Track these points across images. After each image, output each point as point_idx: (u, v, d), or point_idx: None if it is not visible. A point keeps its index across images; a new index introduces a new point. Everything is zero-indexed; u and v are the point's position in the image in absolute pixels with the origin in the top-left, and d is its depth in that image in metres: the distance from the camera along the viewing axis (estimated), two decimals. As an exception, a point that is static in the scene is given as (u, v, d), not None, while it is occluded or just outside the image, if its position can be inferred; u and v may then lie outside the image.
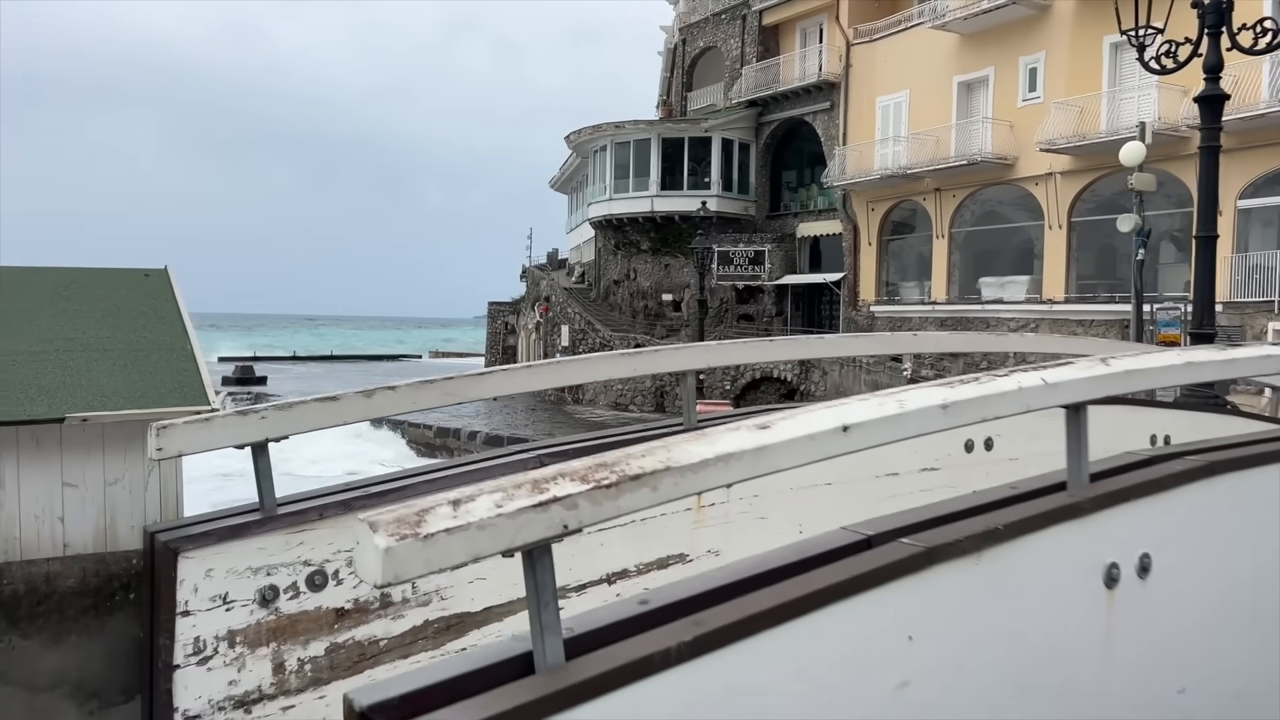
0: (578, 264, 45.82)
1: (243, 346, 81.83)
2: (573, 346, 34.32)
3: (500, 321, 47.67)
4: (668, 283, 34.92)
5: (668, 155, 34.21)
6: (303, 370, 51.90)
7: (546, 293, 37.61)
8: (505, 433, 26.83)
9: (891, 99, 29.09)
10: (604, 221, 35.82)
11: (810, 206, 33.54)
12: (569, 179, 47.24)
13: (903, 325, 28.65)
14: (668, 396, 32.11)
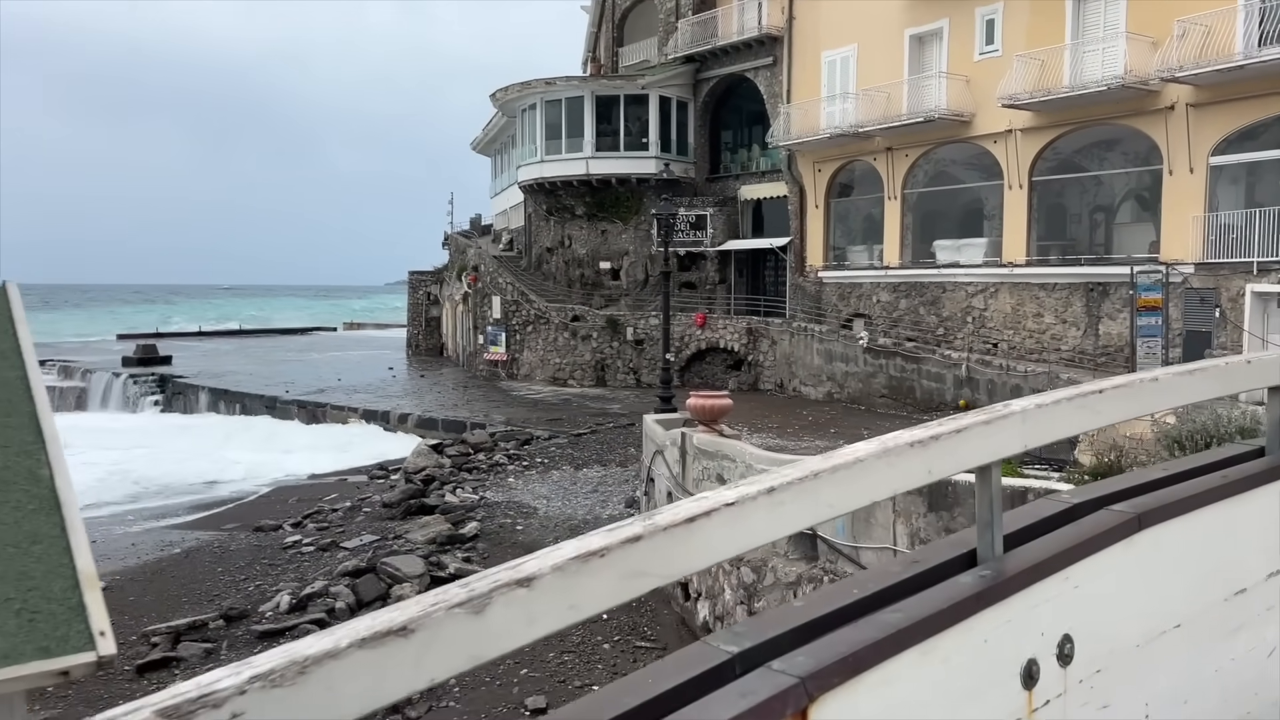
0: (505, 230, 43.69)
1: (143, 322, 77.44)
2: (505, 318, 32.44)
3: (422, 292, 45.37)
4: (605, 250, 33.21)
5: (602, 114, 32.36)
6: (210, 347, 48.80)
7: (475, 261, 35.54)
8: (440, 414, 24.94)
9: (838, 54, 27.75)
10: (535, 185, 33.84)
11: (752, 168, 32.15)
12: (493, 140, 44.93)
13: (853, 291, 27.60)
14: (608, 370, 30.58)
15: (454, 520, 13.92)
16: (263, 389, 30.66)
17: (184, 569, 13.28)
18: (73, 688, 9.21)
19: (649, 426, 12.80)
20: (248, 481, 20.59)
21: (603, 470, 17.32)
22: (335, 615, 10.64)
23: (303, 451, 23.68)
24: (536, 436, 21.13)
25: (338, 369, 36.81)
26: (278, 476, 20.91)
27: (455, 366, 37.81)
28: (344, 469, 20.91)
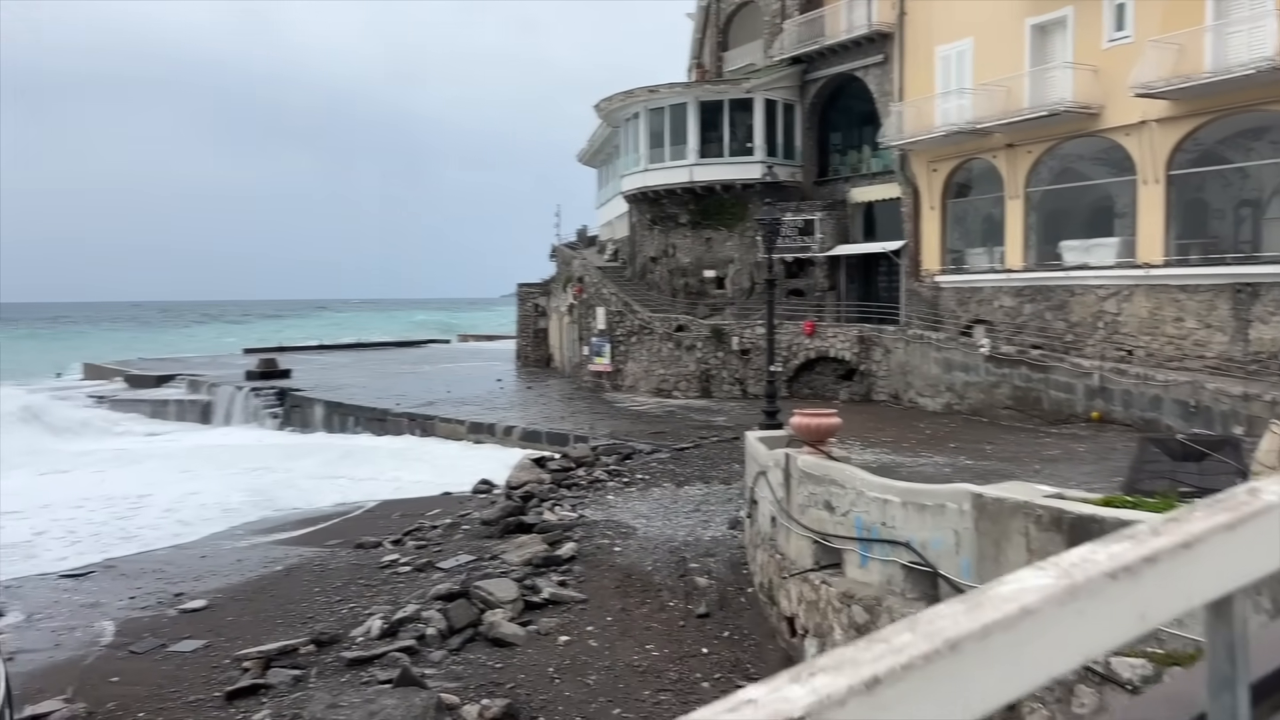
0: (610, 241, 43.47)
1: (269, 337, 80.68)
2: (609, 329, 32.10)
3: (530, 304, 45.55)
4: (710, 258, 32.54)
5: (706, 120, 31.75)
6: (329, 360, 50.12)
7: (579, 273, 35.36)
8: (544, 427, 24.68)
9: (953, 48, 26.44)
10: (639, 194, 33.47)
11: (863, 170, 31.00)
12: (598, 151, 44.82)
13: (972, 297, 26.20)
14: (713, 381, 29.88)
15: (550, 540, 13.47)
16: (375, 401, 31.08)
17: (283, 588, 13.20)
18: (160, 715, 9.07)
19: (751, 445, 12.08)
20: (357, 496, 20.68)
21: (705, 488, 16.64)
22: (426, 642, 10.27)
23: (411, 465, 23.78)
24: (638, 451, 20.59)
25: (448, 381, 37.15)
26: (386, 491, 20.94)
27: (561, 378, 37.71)
28: (449, 482, 20.80)
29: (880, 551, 8.12)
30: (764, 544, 10.95)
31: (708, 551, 13.00)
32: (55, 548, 17.33)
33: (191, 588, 13.68)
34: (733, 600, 11.36)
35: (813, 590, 8.99)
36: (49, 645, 11.46)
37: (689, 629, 10.57)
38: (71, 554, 16.61)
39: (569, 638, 10.34)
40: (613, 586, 11.85)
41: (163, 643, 11.15)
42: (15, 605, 13.23)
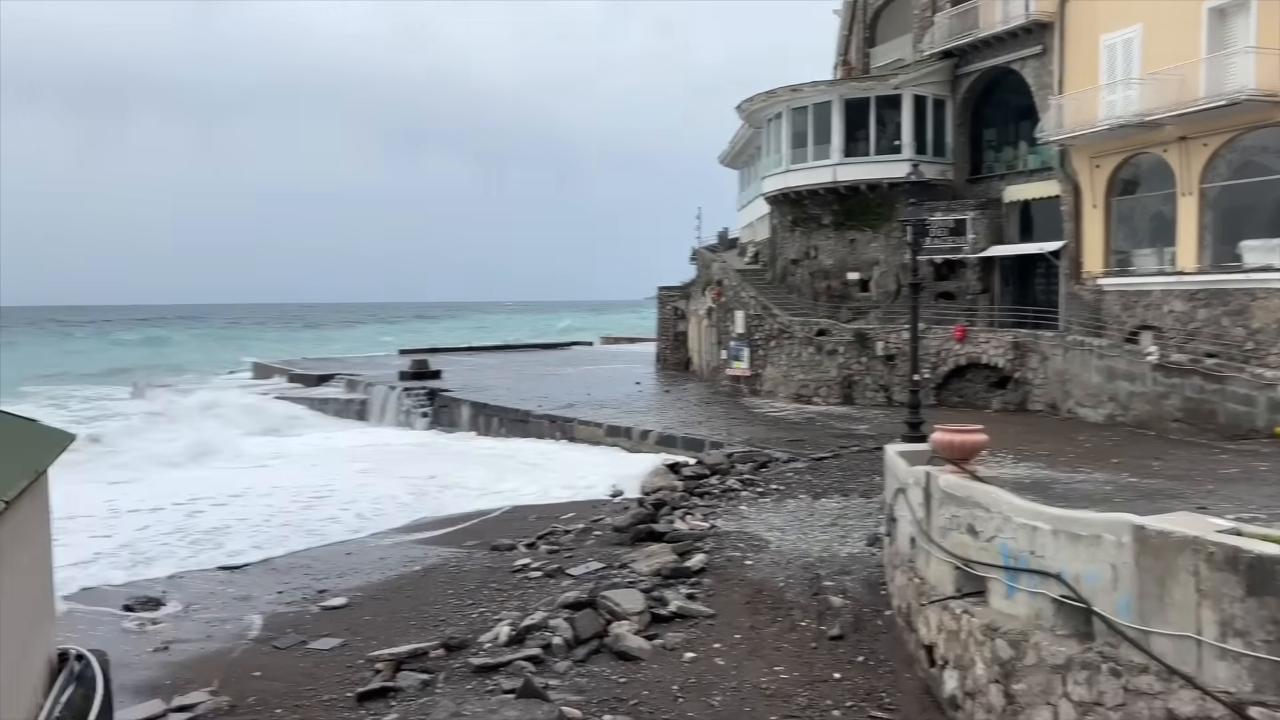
0: (750, 243, 42.97)
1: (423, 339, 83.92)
2: (748, 333, 31.65)
3: (670, 306, 45.48)
4: (853, 260, 31.63)
5: (851, 119, 30.87)
6: (478, 361, 51.53)
7: (718, 276, 35.02)
8: (680, 432, 24.49)
9: (1119, 36, 24.75)
10: (780, 196, 32.87)
11: (1019, 167, 29.45)
12: (740, 153, 44.41)
13: (1139, 301, 24.44)
14: (856, 387, 28.99)
15: (680, 551, 13.23)
16: (518, 403, 31.62)
17: (419, 588, 13.45)
18: (296, 713, 9.31)
19: (890, 460, 11.50)
20: (498, 497, 20.96)
21: (843, 501, 16.04)
22: (551, 651, 10.21)
23: (549, 466, 24.02)
24: (775, 459, 20.12)
25: (589, 383, 37.51)
26: (525, 492, 21.17)
27: (699, 381, 37.47)
28: (585, 485, 20.88)
29: (1028, 582, 7.50)
30: (903, 565, 10.38)
31: (844, 569, 12.48)
32: (238, 538, 18.15)
33: (335, 585, 14.13)
34: (869, 623, 10.83)
35: (953, 619, 8.42)
36: (201, 636, 12.02)
37: (821, 651, 10.12)
38: (246, 546, 17.32)
39: (695, 654, 10.07)
40: (742, 602, 11.51)
41: (303, 639, 11.52)
42: (176, 596, 13.98)
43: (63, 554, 16.87)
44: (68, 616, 13.07)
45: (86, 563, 16.32)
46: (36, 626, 4.82)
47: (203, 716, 9.30)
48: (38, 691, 4.66)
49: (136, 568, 16.00)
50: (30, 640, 4.57)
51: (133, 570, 15.83)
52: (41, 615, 4.96)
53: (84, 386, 55.06)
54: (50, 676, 5.01)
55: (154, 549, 17.39)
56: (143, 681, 10.50)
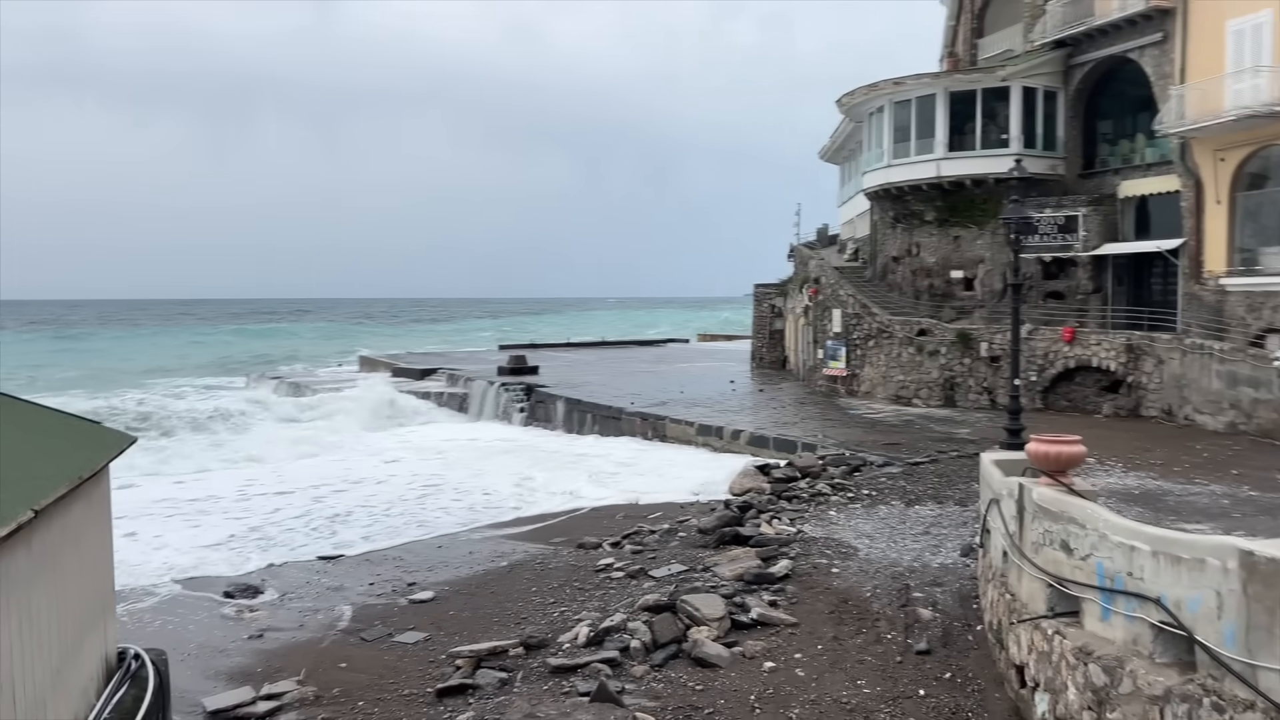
0: (850, 240, 42.17)
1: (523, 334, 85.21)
2: (845, 332, 31.03)
3: (766, 304, 45.00)
4: (957, 258, 30.69)
5: (956, 112, 29.94)
6: (575, 357, 51.96)
7: (815, 273, 34.44)
8: (772, 433, 24.15)
9: (1247, 21, 23.32)
10: (881, 191, 32.13)
11: (1135, 160, 28.08)
12: (840, 148, 43.60)
13: (1266, 302, 23.01)
14: (958, 389, 28.12)
15: (765, 556, 13.00)
16: (611, 400, 31.71)
17: (504, 584, 13.56)
18: (377, 706, 9.46)
19: (985, 468, 11.03)
20: (586, 495, 21.03)
21: (938, 508, 15.52)
22: (629, 654, 10.13)
23: (641, 464, 24.00)
24: (869, 463, 19.63)
25: (682, 381, 37.39)
26: (616, 489, 21.18)
27: (795, 381, 36.95)
28: (673, 486, 20.77)
29: (1125, 605, 7.04)
30: (995, 579, 9.94)
31: (935, 580, 12.06)
32: (353, 528, 18.72)
33: (424, 578, 14.36)
34: (959, 638, 10.42)
35: (1045, 640, 7.99)
36: (294, 625, 12.36)
37: (906, 666, 9.77)
38: (355, 538, 17.79)
39: (774, 664, 9.85)
40: (826, 611, 11.22)
41: (390, 632, 11.72)
42: (273, 584, 14.42)
43: (199, 535, 17.98)
44: (170, 601, 13.65)
45: (218, 544, 17.35)
46: (90, 627, 4.96)
47: (288, 706, 9.52)
48: (89, 692, 4.81)
49: (267, 552, 16.76)
50: (81, 641, 4.71)
51: (266, 553, 16.66)
52: (96, 616, 5.11)
53: (202, 377, 57.65)
54: (107, 677, 5.17)
55: (279, 534, 18.25)
56: (236, 668, 10.84)
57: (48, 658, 4.08)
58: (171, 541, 17.59)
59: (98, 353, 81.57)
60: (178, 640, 11.83)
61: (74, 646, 4.57)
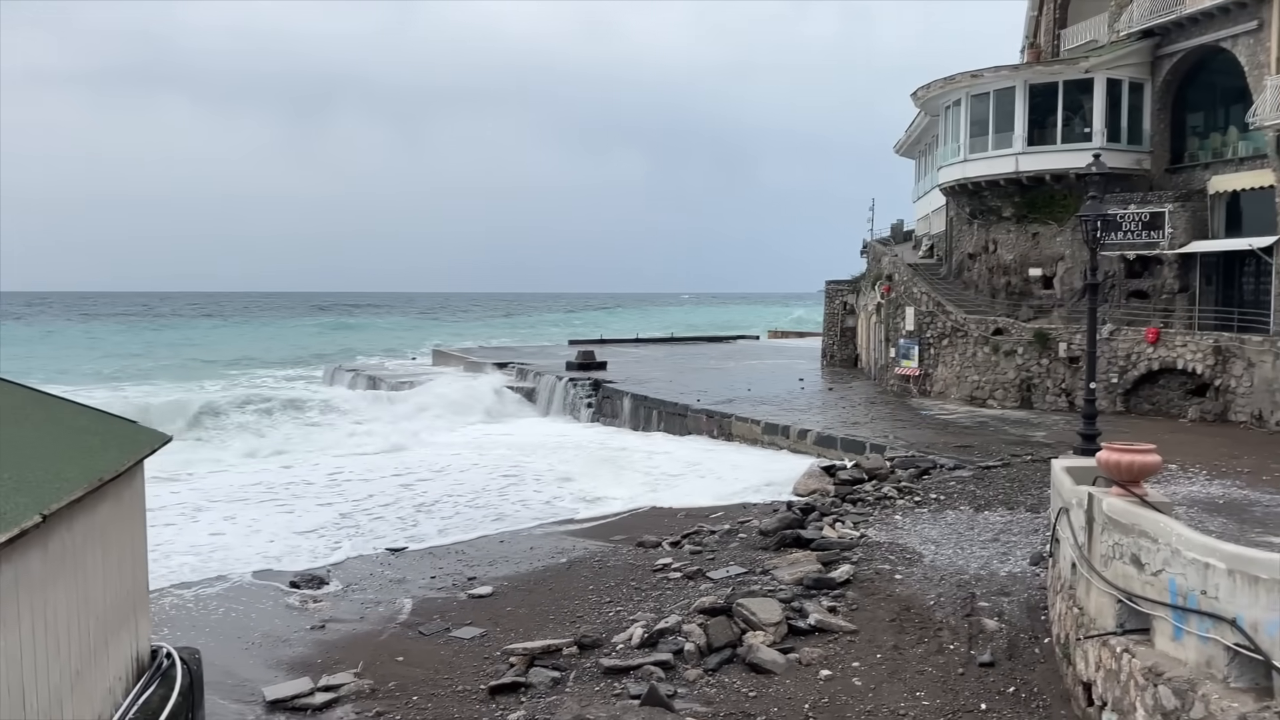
0: (925, 236, 41.32)
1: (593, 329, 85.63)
2: (918, 330, 30.39)
3: (838, 301, 44.39)
4: (1035, 255, 29.80)
5: (1036, 105, 29.06)
6: (643, 353, 51.98)
7: (888, 270, 33.80)
8: (840, 433, 23.77)
9: (1351, 6, 22.14)
10: (957, 186, 31.36)
11: (1227, 155, 26.88)
12: (916, 142, 42.73)
13: (1367, 303, 21.82)
14: (1035, 390, 27.32)
15: (826, 560, 12.75)
16: (677, 396, 31.60)
17: (562, 582, 13.56)
18: (430, 702, 9.52)
19: (1056, 475, 10.64)
20: (648, 493, 20.95)
21: (1008, 514, 15.05)
22: (683, 657, 10.02)
23: (706, 462, 23.85)
24: (938, 465, 19.16)
25: (750, 378, 37.09)
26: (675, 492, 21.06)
27: (866, 379, 36.35)
28: (735, 486, 20.59)
29: (1198, 625, 6.69)
30: (1063, 591, 9.57)
31: (1002, 589, 11.67)
32: (430, 521, 19.02)
33: (484, 573, 14.45)
34: (1025, 650, 10.06)
35: (1113, 657, 7.64)
36: (355, 617, 12.53)
37: (968, 678, 9.47)
38: (432, 531, 18.03)
39: (831, 672, 9.63)
40: (887, 619, 10.95)
41: (447, 626, 11.80)
42: (338, 575, 14.67)
43: (293, 521, 18.52)
44: (238, 589, 13.97)
45: (309, 531, 17.97)
46: (118, 627, 5.03)
47: (345, 699, 9.64)
48: (116, 691, 4.88)
49: (353, 540, 17.25)
50: (107, 641, 4.77)
51: (353, 541, 17.15)
52: (125, 616, 5.18)
53: (284, 368, 59.17)
54: (138, 675, 5.25)
55: (366, 522, 18.71)
56: (297, 658, 11.03)
57: (66, 659, 4.14)
58: (266, 527, 18.15)
59: (188, 344, 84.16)
60: (242, 629, 12.12)
61: (98, 647, 4.64)
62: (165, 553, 15.70)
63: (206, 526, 18.33)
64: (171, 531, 17.60)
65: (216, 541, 17.14)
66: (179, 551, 16.25)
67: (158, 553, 15.94)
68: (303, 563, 15.61)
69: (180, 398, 36.97)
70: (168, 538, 16.88)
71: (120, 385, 48.49)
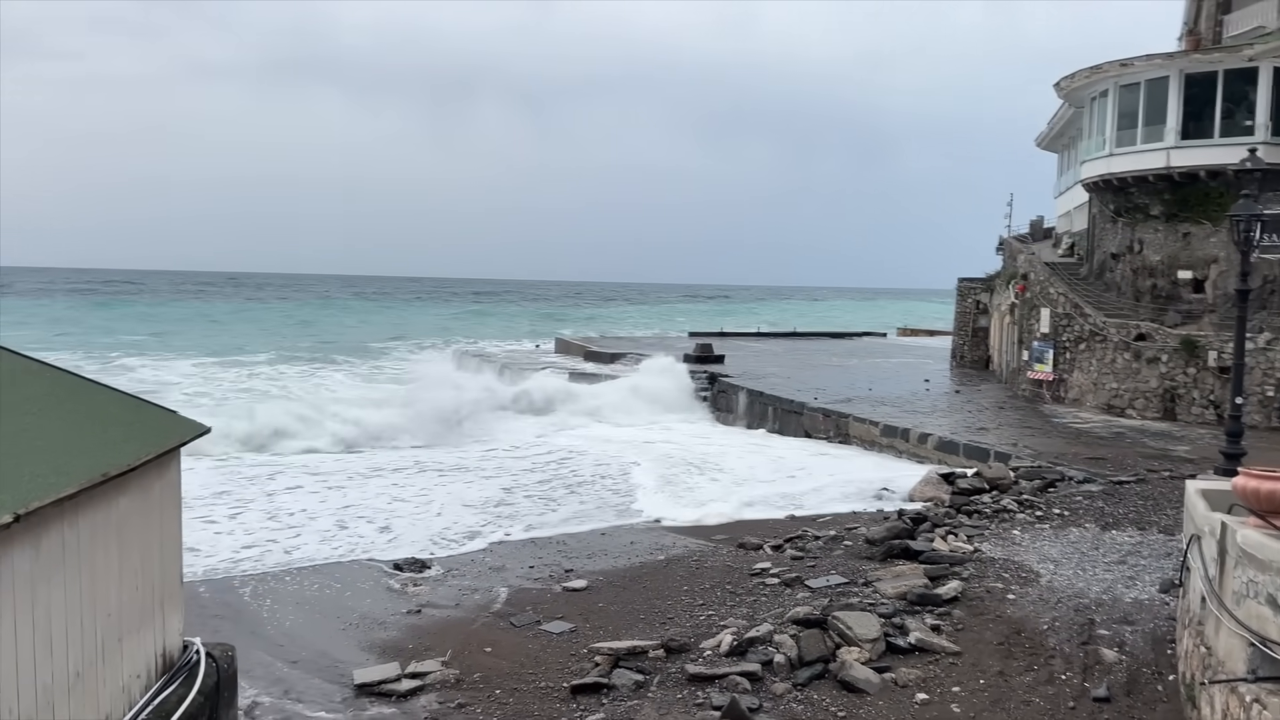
0: (1066, 234, 39.22)
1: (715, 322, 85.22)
2: (1054, 333, 28.84)
3: (971, 299, 42.65)
4: (1186, 257, 27.83)
5: (1192, 96, 27.07)
6: (763, 348, 51.28)
7: (1024, 269, 32.20)
8: (963, 439, 22.75)
9: None
10: (1101, 182, 29.57)
11: None
12: (1059, 135, 40.58)
13: None
14: (1180, 401, 25.54)
15: (933, 575, 12.10)
16: (794, 393, 30.95)
17: (656, 580, 13.33)
18: (512, 697, 9.45)
19: (1190, 497, 9.75)
20: (757, 492, 20.50)
21: (1139, 535, 14.00)
22: (772, 669, 9.65)
23: (816, 470, 23.23)
24: (1066, 478, 18.06)
25: (873, 377, 36.05)
26: (784, 493, 20.53)
27: (997, 383, 34.79)
28: (848, 490, 19.94)
29: (1344, 681, 5.94)
30: (1191, 626, 8.75)
31: (1125, 617, 10.83)
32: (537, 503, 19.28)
33: (581, 566, 14.36)
34: (1146, 686, 9.28)
35: (1241, 707, 6.89)
36: (451, 604, 12.63)
37: (1079, 713, 8.77)
38: (556, 520, 18.20)
39: (927, 696, 9.09)
40: (994, 642, 10.29)
41: (538, 619, 11.74)
42: (440, 560, 14.86)
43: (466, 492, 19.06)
44: (343, 567, 14.32)
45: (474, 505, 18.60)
46: (137, 625, 5.02)
47: (430, 687, 9.67)
48: (132, 690, 4.87)
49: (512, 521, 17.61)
50: (121, 639, 4.76)
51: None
52: (147, 613, 5.17)
53: (417, 351, 60.93)
54: (162, 673, 5.26)
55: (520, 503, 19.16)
56: (390, 641, 11.17)
57: (63, 659, 4.13)
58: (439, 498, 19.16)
59: (351, 326, 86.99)
60: (342, 609, 12.37)
61: (108, 645, 4.64)
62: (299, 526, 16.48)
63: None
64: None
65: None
66: (317, 528, 16.88)
67: (289, 530, 16.62)
68: (426, 550, 15.80)
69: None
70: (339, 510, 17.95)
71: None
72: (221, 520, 17.26)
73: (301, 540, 16.08)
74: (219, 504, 18.46)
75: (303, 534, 16.50)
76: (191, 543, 15.61)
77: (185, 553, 15.14)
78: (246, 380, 43.49)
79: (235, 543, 15.81)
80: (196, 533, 15.37)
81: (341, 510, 18.35)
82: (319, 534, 16.56)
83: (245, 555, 15.11)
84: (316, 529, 16.90)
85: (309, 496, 19.61)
